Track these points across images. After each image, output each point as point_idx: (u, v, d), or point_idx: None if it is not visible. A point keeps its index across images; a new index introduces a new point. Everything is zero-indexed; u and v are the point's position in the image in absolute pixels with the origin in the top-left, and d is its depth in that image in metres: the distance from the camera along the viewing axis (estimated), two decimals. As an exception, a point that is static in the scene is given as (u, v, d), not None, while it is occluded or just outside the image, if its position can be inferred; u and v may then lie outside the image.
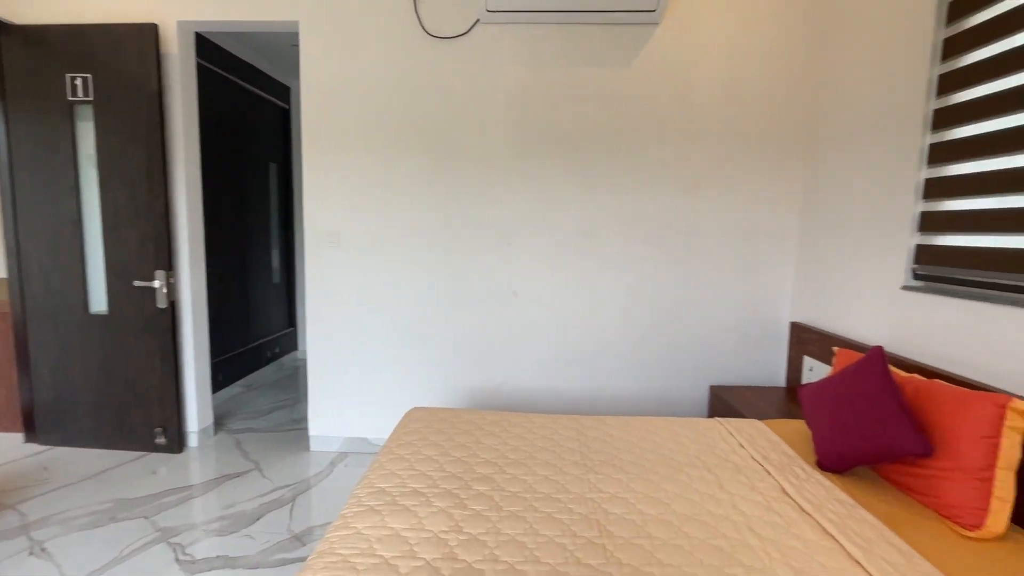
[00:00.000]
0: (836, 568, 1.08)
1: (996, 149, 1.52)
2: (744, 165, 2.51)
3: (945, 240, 1.71)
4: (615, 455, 1.61)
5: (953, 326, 1.61)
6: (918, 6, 1.80)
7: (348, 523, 1.22)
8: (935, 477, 1.34)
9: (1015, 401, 1.24)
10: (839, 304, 2.19)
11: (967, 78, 1.63)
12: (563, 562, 1.10)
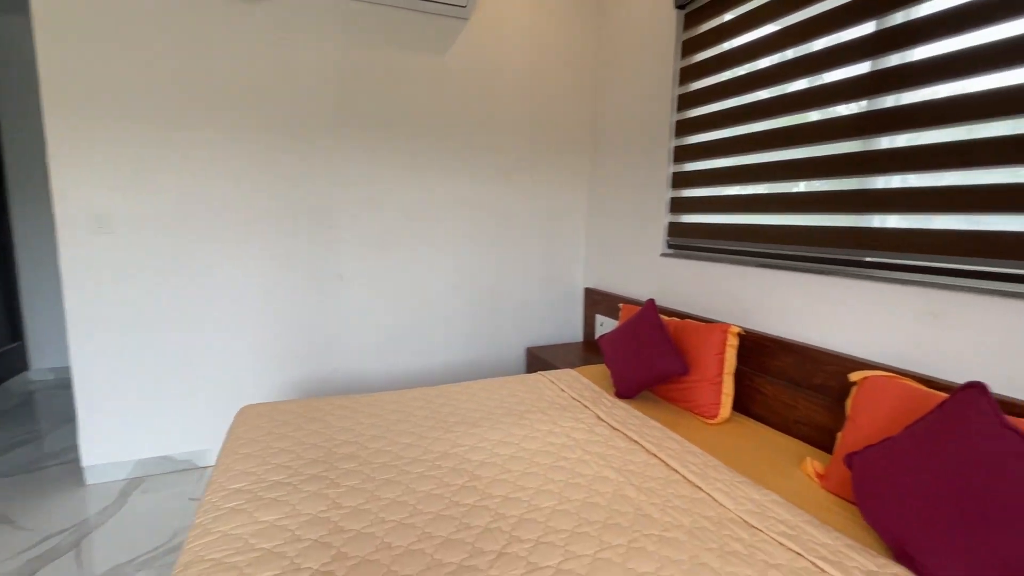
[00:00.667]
0: (641, 462, 1.47)
1: (711, 153, 2.14)
2: (546, 154, 2.91)
3: (685, 219, 2.33)
4: (465, 415, 1.79)
5: (693, 280, 2.23)
6: (665, 40, 2.37)
7: (209, 529, 1.13)
8: (690, 388, 1.88)
9: (731, 327, 1.82)
10: (619, 270, 2.76)
11: (694, 100, 2.23)
12: (445, 507, 1.23)
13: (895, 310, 1.45)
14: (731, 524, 1.18)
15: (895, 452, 1.12)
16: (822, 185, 1.71)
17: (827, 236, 1.68)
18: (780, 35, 1.83)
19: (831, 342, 1.63)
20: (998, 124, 1.25)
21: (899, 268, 1.49)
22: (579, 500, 1.27)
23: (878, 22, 1.53)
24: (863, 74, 1.56)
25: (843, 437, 1.38)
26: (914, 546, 1.01)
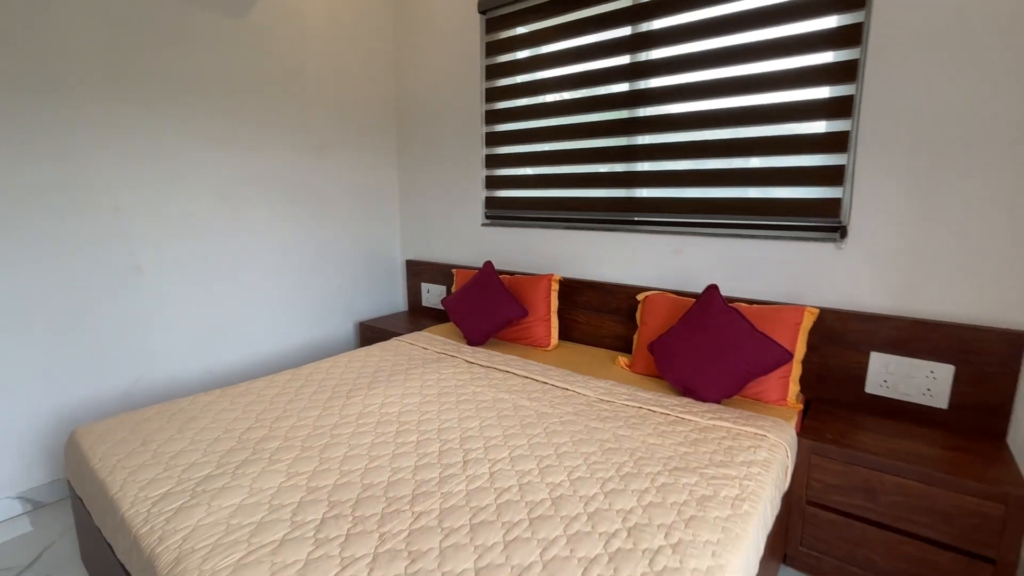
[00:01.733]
0: (518, 383, 1.89)
1: (512, 141, 2.65)
2: (352, 133, 2.97)
3: (498, 193, 2.81)
4: (353, 381, 1.89)
5: (511, 244, 2.73)
6: (470, 38, 2.73)
7: (169, 529, 1.06)
8: (527, 327, 2.39)
9: (553, 276, 2.39)
10: (441, 241, 3.08)
11: (500, 95, 2.69)
12: (395, 448, 1.41)
13: (656, 250, 2.22)
14: (595, 403, 1.71)
15: (675, 335, 1.83)
16: (603, 168, 2.39)
17: (608, 204, 2.37)
18: (560, 54, 2.41)
19: (619, 277, 2.34)
20: (714, 132, 2.07)
21: (655, 223, 2.26)
22: (495, 416, 1.62)
23: (631, 56, 2.23)
24: (623, 91, 2.26)
25: (639, 338, 2.08)
26: (692, 383, 1.72)
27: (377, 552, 0.99)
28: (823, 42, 1.79)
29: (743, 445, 1.41)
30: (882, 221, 1.72)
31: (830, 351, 1.81)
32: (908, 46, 1.62)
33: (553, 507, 1.13)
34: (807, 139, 1.86)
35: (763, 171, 1.96)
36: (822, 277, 1.85)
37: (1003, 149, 1.52)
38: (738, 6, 1.93)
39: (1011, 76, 1.48)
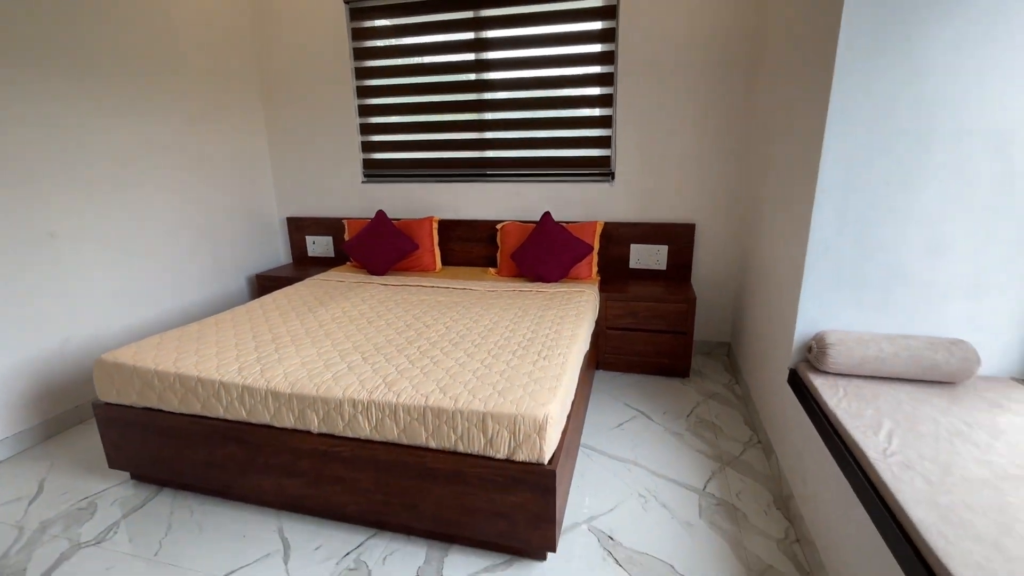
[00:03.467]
0: (437, 294, 2.73)
1: (385, 113, 3.32)
2: (227, 101, 3.23)
3: (375, 156, 3.45)
4: (310, 303, 2.49)
5: (392, 196, 3.44)
6: (336, 23, 3.23)
7: (258, 377, 1.68)
8: (418, 258, 3.19)
9: (434, 218, 3.22)
10: (323, 198, 3.58)
11: (369, 73, 3.29)
12: (399, 332, 2.15)
13: (505, 194, 3.22)
14: (485, 293, 2.67)
15: (527, 246, 2.88)
16: (462, 136, 3.25)
17: (468, 163, 3.27)
18: (419, 47, 3.15)
19: (482, 215, 3.29)
20: (537, 112, 3.09)
21: (502, 176, 3.24)
22: (425, 306, 2.45)
23: (476, 54, 3.10)
24: (472, 80, 3.14)
25: (501, 254, 3.08)
26: (541, 272, 2.81)
27: (407, 363, 1.80)
28: (595, 60, 2.93)
29: (574, 298, 2.54)
30: (630, 170, 3.00)
31: (611, 246, 3.08)
32: (634, 75, 2.85)
33: (487, 335, 2.06)
34: (590, 119, 3.03)
35: (568, 139, 3.08)
36: (604, 203, 3.08)
37: (684, 128, 2.87)
38: (548, 30, 2.95)
39: (682, 88, 2.81)
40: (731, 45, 2.70)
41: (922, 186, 1.53)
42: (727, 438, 2.20)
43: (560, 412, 1.53)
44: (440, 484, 1.52)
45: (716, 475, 1.94)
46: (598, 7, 2.86)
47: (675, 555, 1.56)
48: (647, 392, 2.63)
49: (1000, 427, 1.31)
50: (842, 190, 1.59)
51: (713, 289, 3.04)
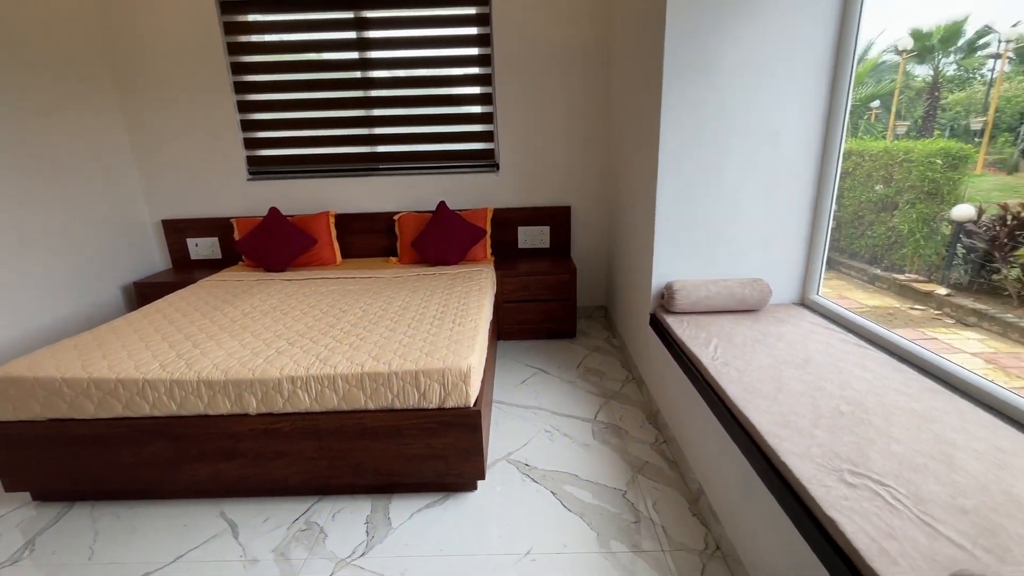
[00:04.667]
0: (332, 283, 2.85)
1: (270, 109, 3.30)
2: (75, 95, 2.96)
3: (260, 153, 3.40)
4: (212, 303, 2.47)
5: (283, 193, 3.42)
6: (209, 19, 3.11)
7: (184, 370, 1.74)
8: (317, 252, 3.25)
9: (330, 212, 3.30)
10: (203, 198, 3.43)
11: (246, 69, 3.23)
12: (318, 319, 2.25)
13: (399, 186, 3.40)
14: (391, 280, 2.86)
15: (426, 234, 3.12)
16: (352, 132, 3.36)
17: (360, 158, 3.39)
18: (302, 44, 3.20)
19: (378, 207, 3.43)
20: (431, 109, 3.30)
21: (396, 170, 3.41)
22: (336, 295, 2.58)
23: (360, 53, 3.22)
24: (357, 77, 3.26)
25: (400, 243, 3.27)
26: (442, 257, 3.07)
27: (335, 342, 1.96)
28: (474, 62, 3.23)
29: (475, 277, 2.85)
30: (513, 161, 3.37)
31: (502, 229, 3.44)
32: (509, 76, 3.21)
33: (403, 313, 2.29)
34: (474, 116, 3.33)
35: (457, 134, 3.36)
36: (493, 191, 3.42)
37: (557, 124, 3.30)
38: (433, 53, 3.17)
39: (551, 89, 3.24)
40: (591, 54, 3.18)
41: (725, 170, 2.09)
42: (609, 379, 2.68)
43: (479, 363, 1.84)
44: (380, 440, 1.74)
45: (603, 407, 2.40)
46: (473, 14, 3.16)
47: (578, 467, 1.97)
48: (542, 353, 3.04)
49: (782, 334, 1.90)
50: (674, 174, 2.10)
51: (589, 261, 3.56)
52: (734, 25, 1.93)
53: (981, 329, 4.31)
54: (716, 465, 1.61)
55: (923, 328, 4.52)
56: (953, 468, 1.11)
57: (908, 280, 5.01)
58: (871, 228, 5.49)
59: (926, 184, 4.92)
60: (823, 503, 1.04)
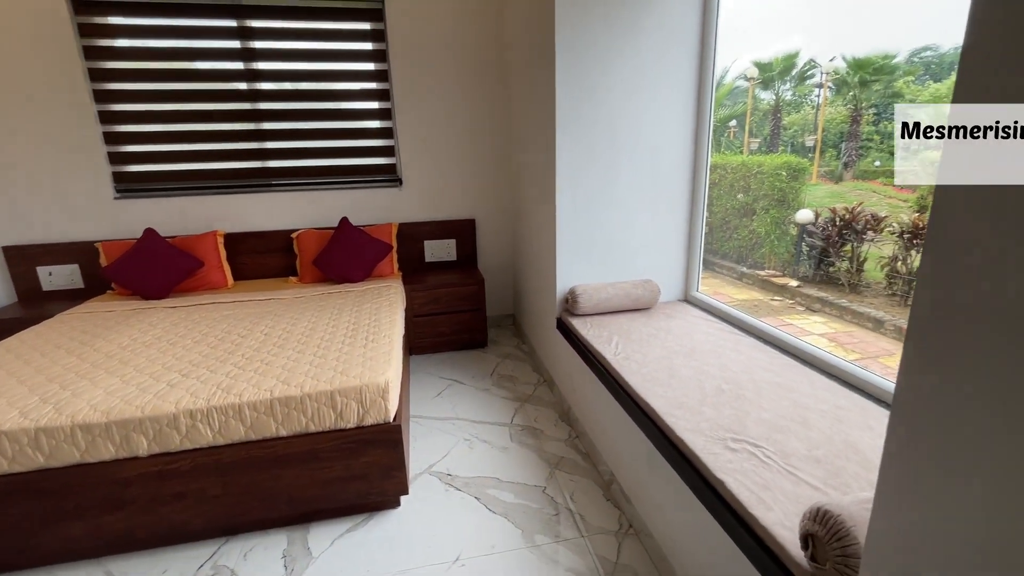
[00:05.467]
0: (224, 307, 2.65)
1: (141, 120, 3.00)
2: None
3: (129, 169, 3.06)
4: (83, 337, 2.18)
5: (157, 213, 3.11)
6: (60, 19, 2.76)
7: (55, 412, 1.54)
8: (205, 275, 3.00)
9: (218, 232, 3.06)
10: (57, 220, 3.00)
11: (107, 76, 2.91)
12: (183, 349, 2.07)
13: (298, 202, 3.25)
14: (293, 301, 2.73)
15: (329, 251, 3.01)
16: (239, 146, 3.15)
17: (249, 173, 3.19)
18: (173, 51, 2.96)
19: (274, 225, 3.25)
20: (329, 123, 3.19)
21: (293, 185, 3.26)
22: (232, 318, 2.41)
23: (245, 63, 3.05)
24: (243, 89, 3.08)
25: (301, 262, 3.13)
26: (347, 274, 2.99)
27: (237, 369, 1.84)
28: (372, 77, 3.22)
29: (383, 292, 2.81)
30: (416, 176, 3.39)
31: (408, 244, 3.42)
32: (408, 93, 3.24)
33: (311, 333, 2.20)
34: (374, 131, 3.31)
35: (360, 149, 3.30)
36: (397, 206, 3.40)
37: (459, 140, 3.38)
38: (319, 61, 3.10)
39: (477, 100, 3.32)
40: (489, 71, 3.31)
41: (616, 181, 2.31)
42: (522, 384, 2.79)
43: (396, 378, 1.83)
44: (294, 467, 1.66)
45: (518, 411, 2.49)
46: (368, 30, 3.15)
47: (498, 470, 2.03)
48: (456, 364, 3.07)
49: (671, 328, 2.13)
50: (571, 187, 2.27)
51: (497, 271, 3.67)
52: (623, 47, 2.15)
53: (824, 313, 5.09)
54: (624, 450, 1.77)
55: (782, 316, 5.24)
56: (808, 427, 1.35)
57: (768, 276, 5.78)
58: (736, 231, 6.25)
59: (776, 193, 5.72)
60: (713, 468, 1.21)
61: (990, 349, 0.56)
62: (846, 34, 3.41)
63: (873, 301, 5.06)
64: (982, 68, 0.55)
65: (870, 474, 1.16)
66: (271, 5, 2.98)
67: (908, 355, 0.65)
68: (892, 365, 3.92)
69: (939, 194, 0.60)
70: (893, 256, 4.91)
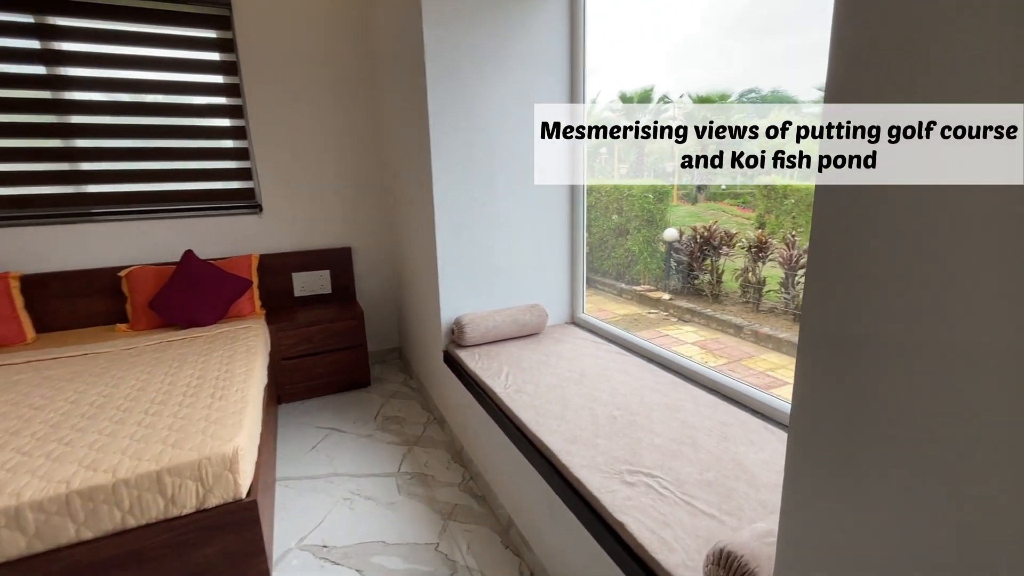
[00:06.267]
0: (29, 368, 2.09)
1: None
2: None
3: None
4: None
5: None
6: None
7: None
8: (-9, 330, 2.35)
9: (11, 274, 2.43)
10: None
11: None
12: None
13: (120, 237, 2.72)
14: (121, 353, 2.23)
15: (170, 290, 2.54)
16: (48, 167, 2.56)
17: (58, 200, 2.60)
18: (-51, 46, 2.34)
19: (94, 262, 2.67)
20: (163, 142, 2.71)
21: (119, 214, 2.72)
22: (63, 398, 1.89)
23: (48, 68, 2.50)
24: (47, 97, 2.52)
25: (132, 305, 2.60)
26: (194, 316, 2.53)
27: (19, 456, 1.40)
28: (219, 91, 2.83)
29: (241, 335, 2.42)
30: (279, 202, 3.03)
31: (273, 277, 3.03)
32: (266, 109, 2.90)
33: (139, 395, 1.78)
34: (226, 150, 2.90)
35: (208, 171, 2.86)
36: (257, 235, 3.01)
37: (328, 163, 3.09)
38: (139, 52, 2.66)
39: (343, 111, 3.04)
40: (359, 90, 3.09)
41: (497, 205, 2.24)
42: (410, 424, 2.56)
43: (250, 443, 1.53)
44: (107, 578, 1.28)
45: (407, 456, 2.27)
46: (214, 38, 2.78)
47: (384, 532, 1.79)
48: (335, 409, 2.75)
49: (561, 353, 2.08)
50: (449, 209, 2.15)
51: (378, 302, 3.40)
52: (492, 74, 2.09)
53: (694, 323, 5.54)
54: (521, 491, 1.64)
55: (659, 328, 5.62)
56: (697, 448, 1.34)
57: (644, 290, 6.18)
58: (613, 250, 6.64)
59: (645, 213, 6.16)
60: (612, 508, 1.12)
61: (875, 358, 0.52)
62: (691, 75, 3.81)
63: (732, 309, 5.62)
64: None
65: (758, 493, 1.15)
66: (82, 1, 2.49)
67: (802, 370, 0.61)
68: (754, 367, 4.35)
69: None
70: (744, 268, 5.52)
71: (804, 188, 5.91)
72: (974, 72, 0.46)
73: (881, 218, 0.53)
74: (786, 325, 4.96)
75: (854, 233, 0.55)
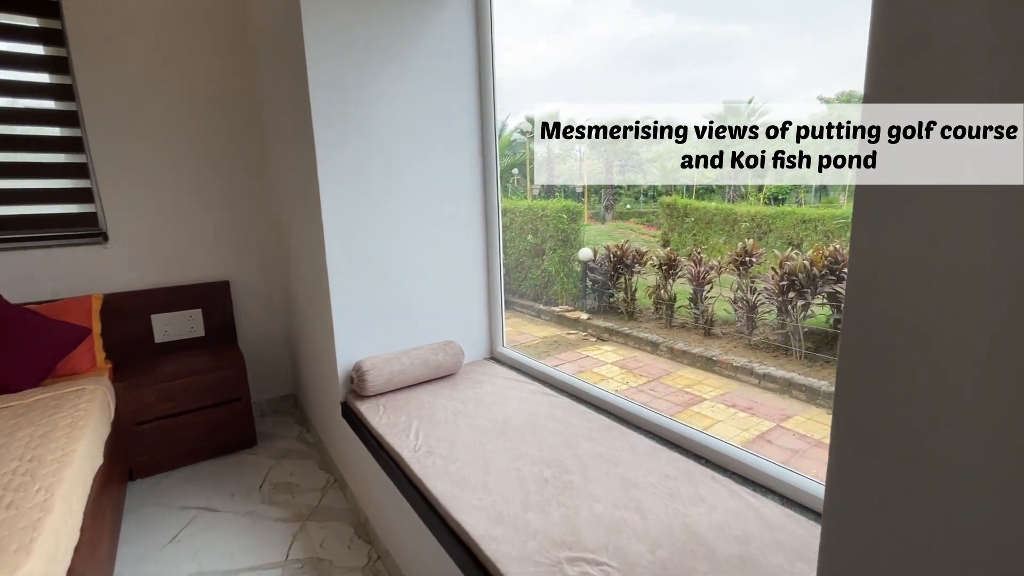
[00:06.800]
0: None
1: None
2: None
3: None
4: None
5: None
6: None
7: None
8: None
9: None
10: None
11: None
12: None
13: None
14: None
15: (-36, 348, 1.93)
16: None
17: None
18: None
19: None
20: None
21: None
22: None
23: None
24: None
25: (-92, 369, 1.94)
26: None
27: None
28: (45, 93, 2.27)
29: (67, 401, 1.88)
30: (133, 229, 2.49)
31: (125, 321, 2.47)
32: (111, 117, 2.38)
33: None
34: (55, 166, 2.33)
35: (18, 191, 2.27)
36: (99, 271, 2.44)
37: (200, 183, 2.60)
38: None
39: (180, 138, 2.56)
40: (235, 97, 2.65)
41: (400, 232, 1.95)
42: (304, 491, 2.15)
43: (51, 568, 1.08)
44: None
45: (297, 536, 1.86)
46: (36, 27, 2.24)
47: (263, 652, 1.39)
48: (208, 480, 2.25)
49: (480, 397, 1.82)
50: (342, 236, 1.83)
51: (266, 344, 2.92)
52: (397, 92, 1.82)
53: (613, 342, 5.53)
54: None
55: (579, 349, 5.55)
56: (644, 514, 1.13)
57: (562, 311, 6.11)
58: (530, 271, 6.53)
59: (560, 233, 6.13)
60: (553, 623, 0.87)
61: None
62: (594, 103, 3.84)
63: (647, 326, 5.70)
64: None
65: (719, 572, 0.97)
66: None
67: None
68: (672, 384, 4.37)
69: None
70: (656, 285, 5.62)
71: (701, 206, 6.21)
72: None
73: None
74: (697, 340, 5.11)
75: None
